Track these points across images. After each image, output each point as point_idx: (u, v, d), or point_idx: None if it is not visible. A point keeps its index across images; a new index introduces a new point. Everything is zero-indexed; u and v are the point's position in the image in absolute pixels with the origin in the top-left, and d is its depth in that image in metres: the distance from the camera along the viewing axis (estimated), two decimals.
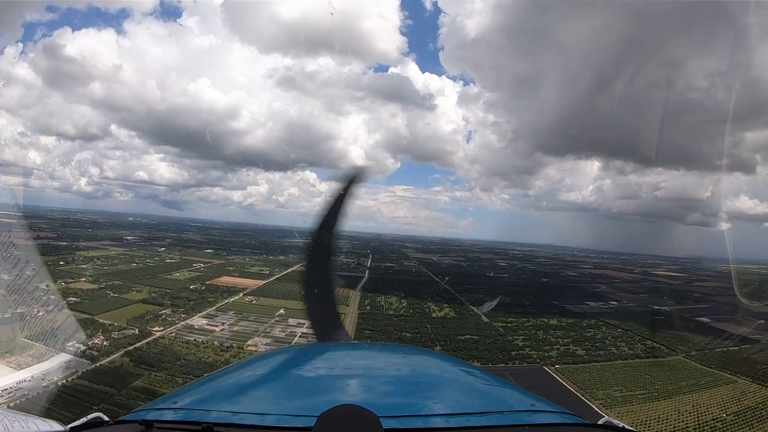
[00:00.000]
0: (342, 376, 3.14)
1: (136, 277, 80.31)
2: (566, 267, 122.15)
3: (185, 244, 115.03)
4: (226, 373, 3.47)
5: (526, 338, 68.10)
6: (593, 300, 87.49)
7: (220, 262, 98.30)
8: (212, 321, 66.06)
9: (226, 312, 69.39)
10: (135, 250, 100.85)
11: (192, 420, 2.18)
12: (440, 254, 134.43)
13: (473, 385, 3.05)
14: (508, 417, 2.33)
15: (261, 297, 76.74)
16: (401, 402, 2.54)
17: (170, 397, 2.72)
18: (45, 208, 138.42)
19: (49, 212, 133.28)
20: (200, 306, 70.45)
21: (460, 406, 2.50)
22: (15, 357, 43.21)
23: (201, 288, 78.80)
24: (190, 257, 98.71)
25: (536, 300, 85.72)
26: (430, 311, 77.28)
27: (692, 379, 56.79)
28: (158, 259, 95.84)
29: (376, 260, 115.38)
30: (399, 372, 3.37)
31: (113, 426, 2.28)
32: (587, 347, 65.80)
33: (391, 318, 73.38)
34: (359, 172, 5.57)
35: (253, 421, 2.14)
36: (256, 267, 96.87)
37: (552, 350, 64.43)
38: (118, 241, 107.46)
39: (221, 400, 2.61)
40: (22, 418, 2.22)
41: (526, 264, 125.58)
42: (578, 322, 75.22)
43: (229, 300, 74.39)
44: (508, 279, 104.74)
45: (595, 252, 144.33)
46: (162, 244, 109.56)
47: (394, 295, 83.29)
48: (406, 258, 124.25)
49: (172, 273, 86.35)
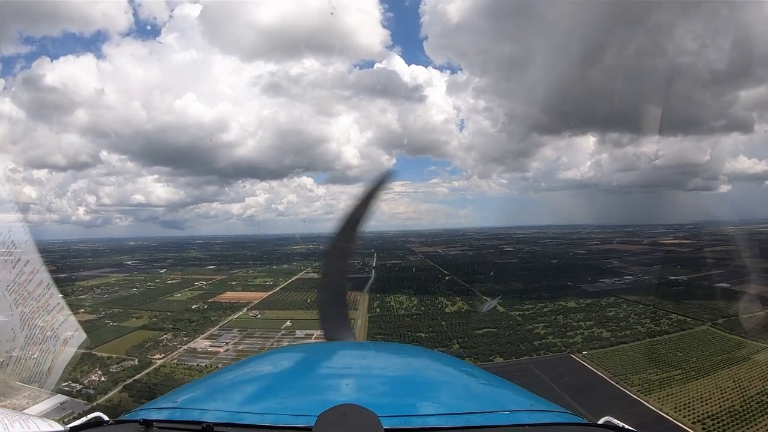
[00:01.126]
0: (342, 375, 3.06)
1: (136, 303, 76.68)
2: (573, 245, 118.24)
3: (187, 263, 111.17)
4: (226, 372, 3.31)
5: (547, 325, 64.02)
6: (608, 277, 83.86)
7: (222, 278, 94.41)
8: (215, 342, 61.82)
9: (230, 330, 65.17)
10: (135, 275, 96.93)
11: (192, 419, 2.11)
12: (445, 245, 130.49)
13: (473, 384, 2.98)
14: (507, 416, 2.27)
15: (266, 310, 72.67)
16: (401, 402, 2.48)
17: (170, 396, 2.60)
18: (45, 242, 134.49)
19: (49, 245, 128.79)
20: (203, 327, 66.32)
21: (460, 405, 2.39)
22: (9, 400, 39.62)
23: (203, 307, 74.70)
24: (191, 276, 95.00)
25: (550, 283, 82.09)
26: (443, 307, 72.91)
27: (726, 351, 53.46)
28: (159, 282, 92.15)
29: (381, 258, 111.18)
30: (399, 372, 3.26)
31: (113, 425, 2.25)
32: (612, 328, 61.74)
33: (403, 318, 69.16)
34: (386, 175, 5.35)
35: (253, 421, 2.09)
36: (259, 279, 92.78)
37: (576, 335, 60.31)
38: (119, 266, 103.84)
39: (221, 400, 2.58)
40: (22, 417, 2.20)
41: (532, 246, 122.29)
42: (597, 301, 71.44)
43: (233, 317, 70.22)
44: (518, 264, 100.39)
45: (599, 227, 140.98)
46: (163, 266, 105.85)
47: (403, 293, 79.11)
48: (411, 253, 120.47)
49: (173, 294, 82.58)
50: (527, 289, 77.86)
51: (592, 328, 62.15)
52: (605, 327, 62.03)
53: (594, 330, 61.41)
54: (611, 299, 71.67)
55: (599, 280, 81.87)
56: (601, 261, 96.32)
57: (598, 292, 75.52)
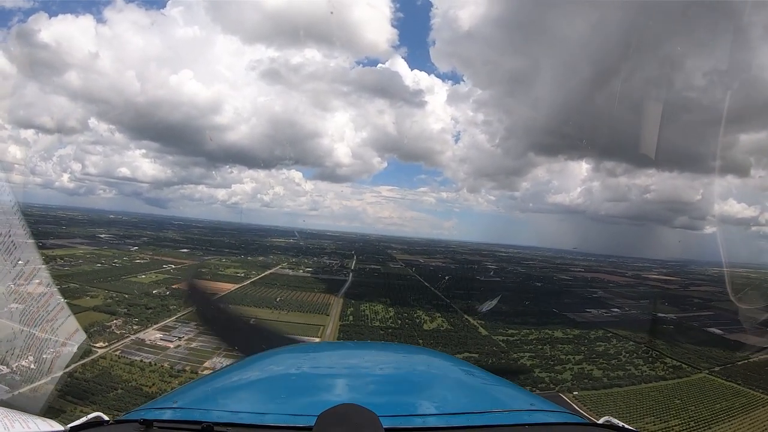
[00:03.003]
0: (342, 375, 3.05)
1: (95, 280, 68.92)
2: (557, 270, 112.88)
3: (161, 242, 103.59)
4: (225, 372, 3.32)
5: (533, 355, 57.42)
6: (594, 307, 78.13)
7: (192, 263, 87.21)
8: (168, 335, 54.03)
9: (187, 323, 57.24)
10: (105, 249, 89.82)
11: (192, 419, 2.09)
12: (427, 256, 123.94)
13: (473, 384, 2.97)
14: (507, 416, 2.26)
15: (230, 304, 64.67)
16: (401, 401, 2.47)
17: (170, 396, 2.64)
18: (23, 204, 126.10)
19: (27, 209, 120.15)
20: (158, 315, 58.77)
21: (460, 405, 2.43)
22: None
23: (165, 293, 66.97)
24: (162, 257, 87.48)
25: (535, 307, 75.99)
26: (421, 322, 65.83)
27: (725, 400, 48.38)
28: (127, 260, 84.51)
29: (360, 262, 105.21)
30: (399, 371, 3.26)
31: (113, 425, 2.21)
32: (603, 366, 55.17)
33: (377, 330, 61.66)
34: None
35: (252, 421, 2.09)
36: (231, 269, 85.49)
37: (565, 371, 53.49)
38: (90, 239, 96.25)
39: (221, 400, 2.56)
40: (22, 417, 2.18)
41: (515, 266, 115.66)
42: (585, 333, 65.24)
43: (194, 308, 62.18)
44: (501, 283, 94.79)
45: (582, 254, 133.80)
46: (136, 243, 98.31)
47: (379, 302, 71.99)
48: (391, 260, 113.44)
49: (137, 275, 74.96)
50: (511, 312, 71.58)
51: (581, 363, 55.66)
52: (596, 364, 55.62)
53: (584, 366, 54.89)
54: (600, 332, 65.68)
55: (586, 309, 76.02)
56: (586, 289, 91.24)
57: (585, 322, 69.61)
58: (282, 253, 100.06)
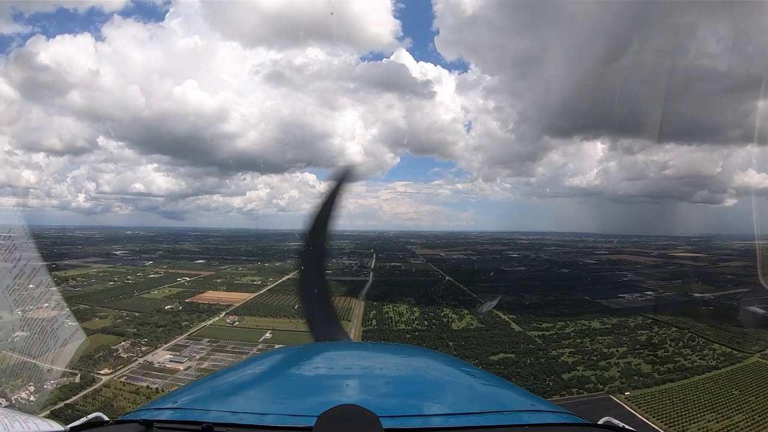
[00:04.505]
0: (342, 376, 2.93)
1: (106, 299, 65.42)
2: (581, 254, 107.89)
3: (177, 255, 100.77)
4: (226, 373, 3.21)
5: (574, 351, 51.72)
6: (626, 291, 73.31)
7: (208, 274, 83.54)
8: (178, 355, 49.41)
9: (198, 340, 52.85)
10: (119, 266, 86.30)
11: (192, 420, 2.02)
12: (447, 249, 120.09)
13: (473, 385, 2.85)
14: (507, 417, 2.20)
15: (246, 316, 60.64)
16: (401, 402, 2.38)
17: (170, 396, 2.51)
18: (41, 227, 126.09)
19: (45, 231, 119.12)
20: (169, 333, 54.46)
21: (460, 405, 2.34)
22: None
23: (178, 308, 63.07)
24: (177, 270, 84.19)
25: (565, 297, 70.53)
26: (449, 321, 60.35)
27: None
28: (140, 275, 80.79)
29: (380, 260, 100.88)
30: (399, 372, 3.15)
31: (113, 425, 2.13)
32: (651, 360, 49.48)
33: (403, 334, 56.33)
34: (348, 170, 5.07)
35: (253, 421, 2.01)
36: (247, 277, 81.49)
37: (611, 367, 47.74)
38: (105, 256, 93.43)
39: (221, 400, 2.46)
40: (23, 417, 2.10)
41: (538, 253, 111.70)
42: (623, 321, 59.60)
43: (207, 323, 58.20)
44: (526, 272, 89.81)
45: (603, 236, 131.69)
46: (151, 257, 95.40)
47: (403, 302, 67.17)
48: (412, 255, 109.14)
49: (150, 291, 71.14)
50: (542, 303, 66.64)
51: (626, 356, 49.99)
52: (642, 357, 49.91)
53: (631, 361, 49.17)
54: (638, 319, 60.33)
55: (619, 295, 70.97)
56: (614, 273, 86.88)
57: (621, 309, 64.14)
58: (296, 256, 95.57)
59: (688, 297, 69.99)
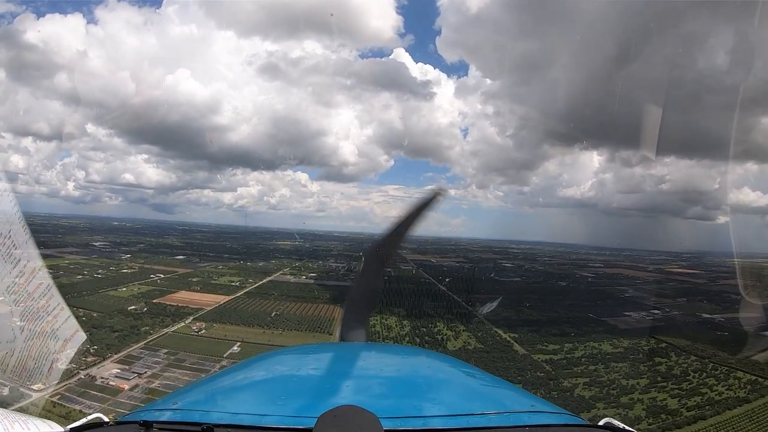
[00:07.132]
0: (342, 376, 2.76)
1: (68, 295, 53.04)
2: (576, 266, 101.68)
3: (157, 249, 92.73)
4: (226, 373, 3.11)
5: (588, 382, 44.14)
6: (631, 309, 66.94)
7: (185, 272, 75.60)
8: (127, 370, 40.86)
9: (156, 351, 44.46)
10: (93, 258, 78.45)
11: (192, 421, 1.98)
12: (438, 255, 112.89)
13: (473, 385, 2.71)
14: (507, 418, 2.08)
15: (215, 323, 52.39)
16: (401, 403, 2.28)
17: (170, 397, 2.44)
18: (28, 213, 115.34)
19: (30, 218, 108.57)
20: (125, 341, 46.28)
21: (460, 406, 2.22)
22: None
23: (142, 309, 55.13)
24: (152, 266, 76.32)
25: (567, 313, 64.01)
26: (444, 339, 52.29)
27: None
28: (113, 270, 72.90)
29: None
30: (399, 373, 2.97)
31: (113, 427, 2.07)
32: (676, 393, 42.12)
33: None
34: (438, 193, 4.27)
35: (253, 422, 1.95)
36: (226, 277, 73.36)
37: (634, 404, 40.40)
38: (83, 247, 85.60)
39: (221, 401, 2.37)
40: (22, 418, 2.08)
41: (532, 264, 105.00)
42: (636, 344, 52.87)
43: (170, 329, 49.68)
44: (523, 284, 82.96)
45: (595, 248, 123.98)
46: (130, 251, 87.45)
47: (392, 313, 59.29)
48: (402, 260, 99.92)
49: (117, 288, 62.99)
50: (544, 321, 59.82)
51: (649, 391, 42.71)
52: (665, 391, 42.66)
53: (655, 396, 41.84)
54: (651, 341, 53.48)
55: (624, 313, 64.57)
56: (613, 287, 79.88)
57: (630, 330, 57.37)
58: (285, 257, 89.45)
59: (698, 318, 64.46)
